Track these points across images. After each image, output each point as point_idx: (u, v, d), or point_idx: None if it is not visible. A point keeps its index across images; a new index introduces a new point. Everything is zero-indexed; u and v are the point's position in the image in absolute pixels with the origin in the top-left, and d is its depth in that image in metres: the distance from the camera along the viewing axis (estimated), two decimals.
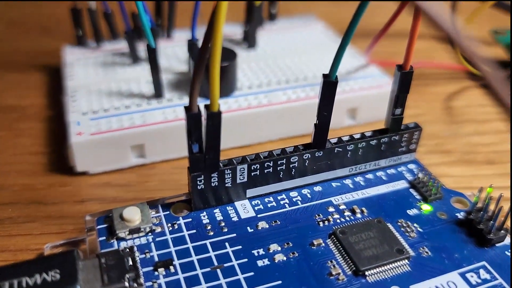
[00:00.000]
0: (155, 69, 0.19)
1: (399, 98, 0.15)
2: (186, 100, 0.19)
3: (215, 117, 0.13)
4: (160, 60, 0.19)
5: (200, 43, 0.20)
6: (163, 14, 0.24)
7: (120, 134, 0.18)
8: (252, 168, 0.15)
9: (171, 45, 0.24)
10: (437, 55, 0.28)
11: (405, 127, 0.17)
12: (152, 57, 0.18)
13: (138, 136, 0.18)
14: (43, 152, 0.20)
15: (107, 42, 0.24)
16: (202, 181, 0.14)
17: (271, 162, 0.15)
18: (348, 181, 0.17)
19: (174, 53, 0.23)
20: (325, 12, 0.32)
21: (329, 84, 0.14)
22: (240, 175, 0.15)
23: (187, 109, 0.13)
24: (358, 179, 0.17)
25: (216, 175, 0.14)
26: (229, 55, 0.19)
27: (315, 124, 0.15)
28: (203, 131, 0.13)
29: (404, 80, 0.15)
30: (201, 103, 0.13)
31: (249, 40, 0.23)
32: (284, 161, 0.15)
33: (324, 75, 0.14)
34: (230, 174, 0.15)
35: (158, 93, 0.20)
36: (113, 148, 0.18)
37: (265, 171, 0.15)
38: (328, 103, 0.15)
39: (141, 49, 0.23)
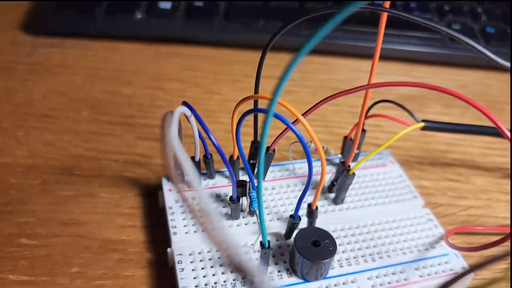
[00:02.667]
0: (265, 263, 0.21)
1: None
2: (287, 280, 0.21)
3: None
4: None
5: (300, 223, 0.22)
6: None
7: None
8: None
9: (264, 186, 0.26)
10: None
11: None
12: (265, 255, 0.20)
13: None
14: None
15: (203, 180, 0.26)
16: None
17: None
18: None
19: (270, 207, 0.25)
20: None
21: None
22: None
23: None
24: None
25: None
26: (329, 250, 0.21)
27: None
28: None
29: None
30: None
31: (336, 200, 0.25)
32: None
33: None
34: None
35: (263, 273, 0.22)
36: None
37: None
38: None
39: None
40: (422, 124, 0.24)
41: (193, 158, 0.24)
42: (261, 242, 0.20)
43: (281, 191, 0.26)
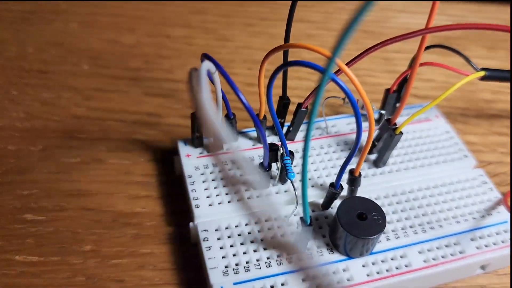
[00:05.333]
0: (305, 241, 0.18)
1: None
2: (328, 257, 0.19)
3: None
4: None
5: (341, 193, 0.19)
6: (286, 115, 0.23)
7: None
8: None
9: (294, 148, 0.23)
10: None
11: None
12: (307, 233, 0.18)
13: None
14: None
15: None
16: None
17: None
18: None
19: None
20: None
21: None
22: None
23: None
24: None
25: None
26: (378, 224, 0.18)
27: None
28: None
29: None
30: None
31: (377, 163, 0.22)
32: None
33: None
34: None
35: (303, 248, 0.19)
36: None
37: None
38: None
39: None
40: (482, 73, 0.20)
41: None
42: (301, 218, 0.17)
43: (313, 153, 0.23)
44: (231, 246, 0.19)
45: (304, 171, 0.15)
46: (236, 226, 0.20)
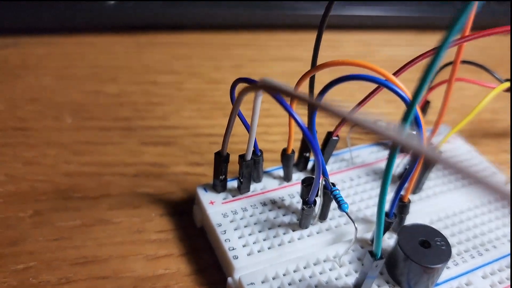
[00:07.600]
0: (372, 279, 0.16)
1: None
2: None
3: None
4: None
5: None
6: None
7: None
8: None
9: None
10: None
11: None
12: (376, 268, 0.16)
13: None
14: None
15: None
16: None
17: None
18: None
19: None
20: None
21: None
22: None
23: None
24: None
25: None
26: (443, 250, 0.17)
27: None
28: None
29: None
30: None
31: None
32: None
33: None
34: None
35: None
36: None
37: None
38: None
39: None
40: (508, 84, 0.20)
41: (242, 156, 0.19)
42: (370, 252, 0.15)
43: (345, 186, 0.21)
44: None
45: (383, 194, 0.14)
46: (284, 275, 0.18)
